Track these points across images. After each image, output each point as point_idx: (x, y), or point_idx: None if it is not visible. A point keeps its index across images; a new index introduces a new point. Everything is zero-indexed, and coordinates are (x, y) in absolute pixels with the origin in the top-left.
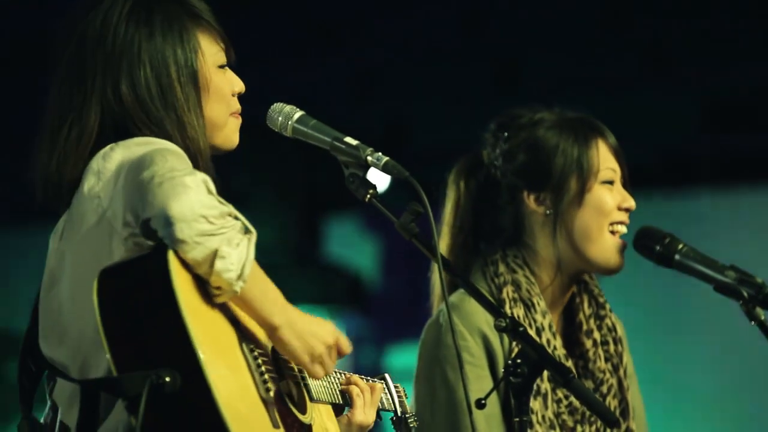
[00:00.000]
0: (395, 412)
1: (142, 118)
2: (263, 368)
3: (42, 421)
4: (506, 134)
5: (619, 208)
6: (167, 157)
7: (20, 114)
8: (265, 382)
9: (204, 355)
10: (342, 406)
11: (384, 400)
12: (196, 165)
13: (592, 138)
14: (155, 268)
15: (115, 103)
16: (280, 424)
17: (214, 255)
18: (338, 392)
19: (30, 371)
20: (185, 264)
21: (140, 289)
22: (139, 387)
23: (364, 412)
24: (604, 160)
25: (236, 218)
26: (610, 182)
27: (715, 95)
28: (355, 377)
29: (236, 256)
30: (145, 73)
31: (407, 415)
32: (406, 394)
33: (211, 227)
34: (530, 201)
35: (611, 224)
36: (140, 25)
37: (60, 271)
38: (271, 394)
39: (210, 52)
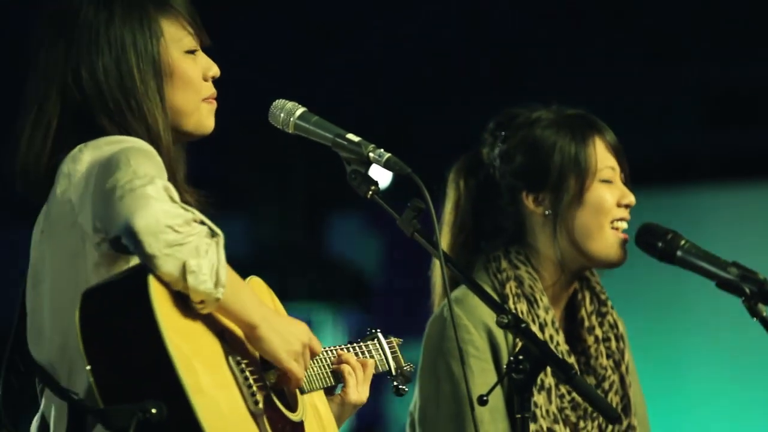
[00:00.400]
0: (390, 371)
1: (101, 106)
2: (251, 380)
3: (32, 426)
4: (504, 134)
5: (619, 205)
6: (131, 160)
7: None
8: (253, 394)
9: (188, 381)
10: (335, 386)
11: (378, 364)
12: (158, 153)
13: (589, 136)
14: (135, 293)
15: (75, 91)
16: None
17: (184, 270)
18: (329, 373)
19: (19, 371)
20: (165, 284)
21: (122, 316)
22: (126, 420)
23: (357, 391)
24: (602, 158)
25: (202, 223)
26: (609, 181)
27: (716, 92)
28: (346, 355)
29: (207, 265)
30: (103, 60)
31: (403, 368)
32: (399, 344)
33: (177, 236)
34: (529, 202)
35: (612, 221)
36: (100, 12)
37: (41, 271)
38: (260, 405)
39: (175, 38)
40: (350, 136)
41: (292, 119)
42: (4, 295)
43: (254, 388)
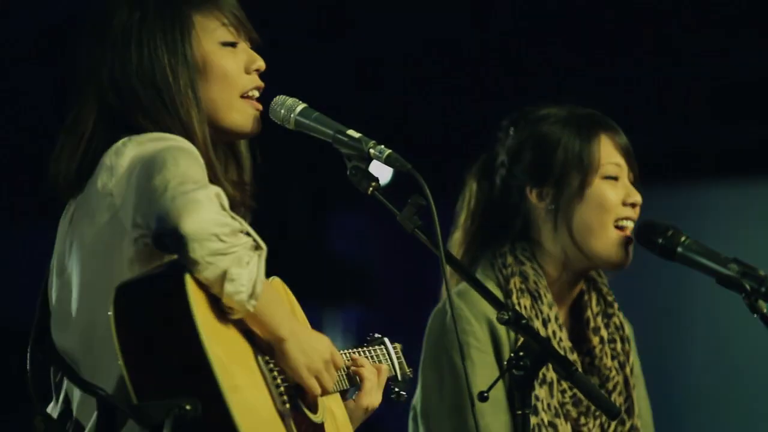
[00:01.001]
0: (396, 376)
1: (136, 105)
2: (278, 380)
3: (50, 412)
4: (513, 131)
5: (624, 204)
6: (179, 160)
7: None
8: (281, 394)
9: (224, 380)
10: (347, 390)
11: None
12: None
13: (595, 133)
14: (172, 290)
15: (111, 92)
16: None
17: (224, 277)
18: (344, 377)
19: (41, 362)
20: (201, 283)
21: (158, 312)
22: (161, 417)
23: (371, 396)
24: (607, 155)
25: (247, 234)
26: (614, 178)
27: (723, 85)
28: (362, 359)
29: (246, 276)
30: (137, 60)
31: (405, 373)
32: (401, 349)
33: (222, 246)
34: (533, 196)
35: (617, 220)
36: (133, 12)
37: (68, 261)
38: (287, 406)
39: (208, 30)
40: (351, 132)
41: (292, 115)
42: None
43: (282, 388)
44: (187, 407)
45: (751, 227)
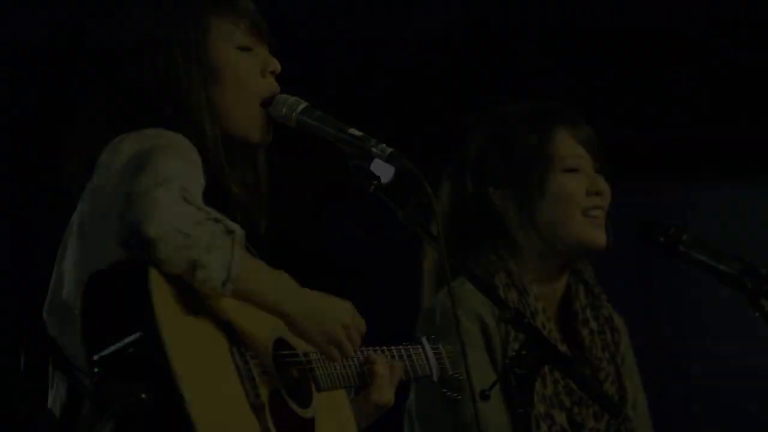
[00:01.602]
0: (432, 375)
1: (147, 106)
2: (254, 372)
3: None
4: (474, 134)
5: (588, 193)
6: (159, 159)
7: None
8: (255, 387)
9: (180, 369)
10: (360, 386)
11: (418, 367)
12: (205, 153)
13: (550, 127)
14: (135, 280)
15: (122, 91)
16: (272, 428)
17: (195, 265)
18: (354, 374)
19: (39, 349)
20: (168, 277)
21: (120, 301)
22: (115, 403)
23: (381, 392)
24: (565, 147)
25: (216, 221)
26: (575, 170)
27: (724, 84)
28: (374, 356)
29: (218, 261)
30: (150, 59)
31: (451, 374)
32: (448, 355)
33: (187, 240)
34: (497, 197)
35: (585, 210)
36: (150, 11)
37: (67, 253)
38: (262, 398)
39: (224, 33)
40: (352, 130)
41: (294, 114)
42: None
43: (257, 381)
44: (143, 396)
45: (751, 227)
